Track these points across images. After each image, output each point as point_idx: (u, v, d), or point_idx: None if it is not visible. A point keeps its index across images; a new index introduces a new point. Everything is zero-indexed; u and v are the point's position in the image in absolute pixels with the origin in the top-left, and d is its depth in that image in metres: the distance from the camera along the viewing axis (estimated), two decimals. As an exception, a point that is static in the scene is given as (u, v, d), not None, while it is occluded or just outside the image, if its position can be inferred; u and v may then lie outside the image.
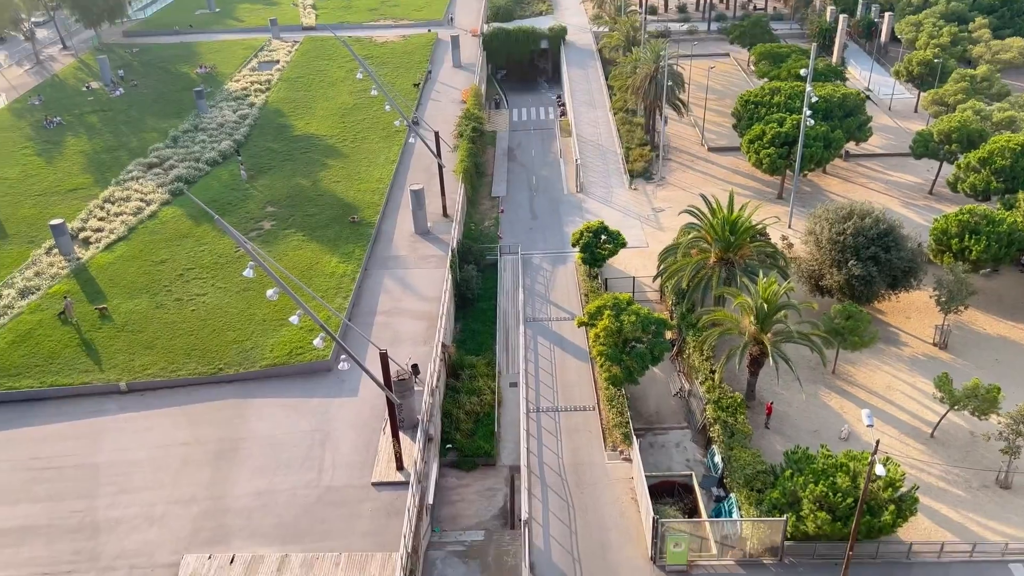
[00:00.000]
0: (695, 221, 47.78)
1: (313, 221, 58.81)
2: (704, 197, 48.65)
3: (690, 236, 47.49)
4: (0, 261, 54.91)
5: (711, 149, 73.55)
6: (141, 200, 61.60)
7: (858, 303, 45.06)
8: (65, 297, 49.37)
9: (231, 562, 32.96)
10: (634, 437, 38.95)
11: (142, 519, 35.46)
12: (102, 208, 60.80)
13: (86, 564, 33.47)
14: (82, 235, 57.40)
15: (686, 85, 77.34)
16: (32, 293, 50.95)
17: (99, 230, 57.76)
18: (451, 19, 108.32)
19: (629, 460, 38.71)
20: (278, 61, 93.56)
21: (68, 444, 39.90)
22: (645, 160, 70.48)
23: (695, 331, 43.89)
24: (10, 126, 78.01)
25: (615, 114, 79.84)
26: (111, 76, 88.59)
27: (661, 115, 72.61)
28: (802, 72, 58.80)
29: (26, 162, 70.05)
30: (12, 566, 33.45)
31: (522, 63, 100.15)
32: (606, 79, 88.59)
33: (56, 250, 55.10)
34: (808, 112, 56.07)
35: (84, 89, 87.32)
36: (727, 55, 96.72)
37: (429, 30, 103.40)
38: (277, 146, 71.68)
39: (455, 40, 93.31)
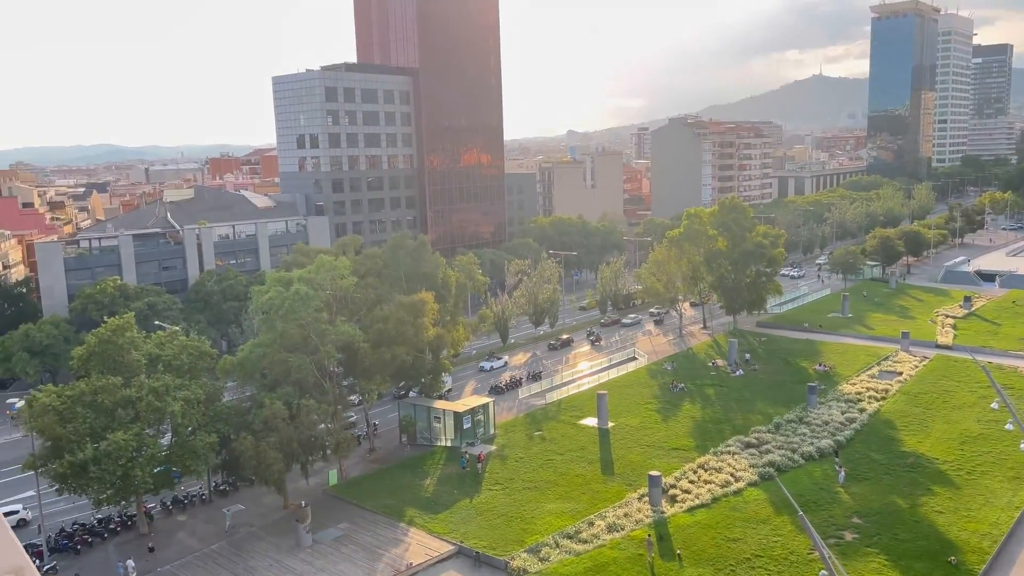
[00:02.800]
0: None
1: (901, 548, 52.43)
2: None
3: None
4: (602, 494, 62.44)
5: None
6: (731, 475, 63.97)
7: None
8: (648, 536, 53.12)
9: None
10: None
11: None
12: (695, 472, 64.92)
13: None
14: (671, 491, 61.78)
15: None
16: (617, 531, 56.05)
17: (687, 491, 61.42)
18: None
19: None
20: (900, 373, 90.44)
21: None
22: None
23: None
24: (644, 383, 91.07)
25: None
26: (735, 357, 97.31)
27: None
28: None
29: (646, 415, 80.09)
30: None
31: None
32: None
33: (647, 498, 60.26)
34: None
35: (710, 364, 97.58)
36: None
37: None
38: (879, 457, 67.59)
39: None
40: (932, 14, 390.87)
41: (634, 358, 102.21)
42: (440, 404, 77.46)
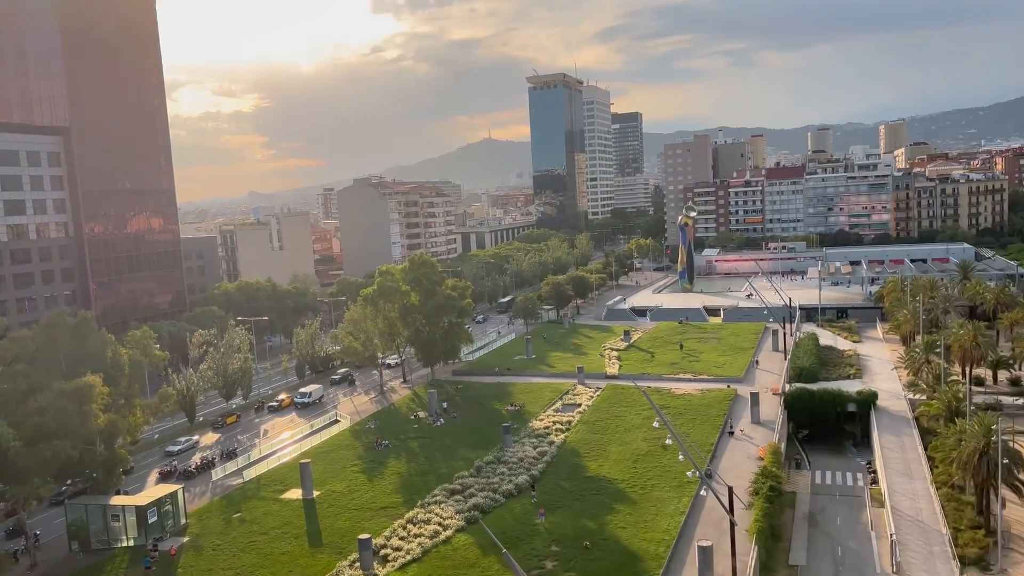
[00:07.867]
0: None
1: (594, 567, 57.11)
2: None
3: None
4: (311, 569, 59.75)
5: (1069, 541, 61.20)
6: (439, 524, 65.02)
7: None
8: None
9: None
10: None
11: None
12: (404, 528, 64.94)
13: None
14: (383, 551, 61.06)
15: (1029, 462, 67.48)
16: (329, 603, 53.81)
17: (398, 549, 61.15)
18: (756, 363, 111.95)
19: None
20: (580, 404, 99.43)
21: None
22: (979, 546, 60.32)
23: None
24: (347, 445, 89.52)
25: (938, 489, 71.19)
26: (436, 408, 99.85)
27: (997, 496, 63.20)
28: None
29: (352, 478, 78.66)
30: None
31: (827, 424, 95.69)
32: (925, 449, 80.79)
33: (358, 564, 58.87)
34: None
35: (412, 418, 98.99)
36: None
37: (728, 386, 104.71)
38: (569, 485, 73.29)
39: (754, 397, 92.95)
40: (577, 86, 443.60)
41: (337, 420, 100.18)
42: (118, 500, 68.95)
